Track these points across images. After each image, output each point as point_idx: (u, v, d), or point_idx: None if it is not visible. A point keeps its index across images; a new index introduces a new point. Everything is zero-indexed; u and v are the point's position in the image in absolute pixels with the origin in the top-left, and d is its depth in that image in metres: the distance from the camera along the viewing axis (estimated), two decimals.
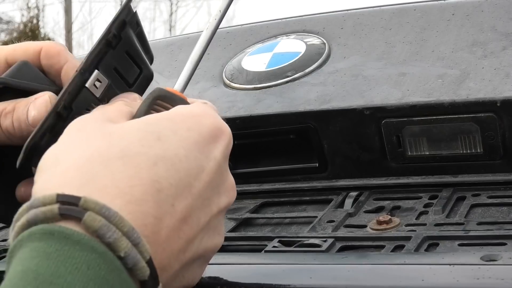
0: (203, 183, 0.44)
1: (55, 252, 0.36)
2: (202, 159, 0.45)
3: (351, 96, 0.73)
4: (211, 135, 0.46)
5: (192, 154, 0.44)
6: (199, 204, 0.44)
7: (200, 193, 0.44)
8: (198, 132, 0.45)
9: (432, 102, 0.69)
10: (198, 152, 0.45)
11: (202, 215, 0.45)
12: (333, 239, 0.60)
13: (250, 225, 0.70)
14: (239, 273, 0.55)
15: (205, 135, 0.46)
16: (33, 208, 0.39)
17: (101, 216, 0.38)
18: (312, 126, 0.73)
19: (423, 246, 0.57)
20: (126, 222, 0.39)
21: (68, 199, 0.39)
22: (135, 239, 0.39)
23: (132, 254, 0.38)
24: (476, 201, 0.65)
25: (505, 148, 0.67)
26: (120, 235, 0.38)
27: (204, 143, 0.45)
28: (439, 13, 0.80)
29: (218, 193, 0.46)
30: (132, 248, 0.38)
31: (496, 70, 0.69)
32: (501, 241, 0.56)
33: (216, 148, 0.46)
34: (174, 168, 0.43)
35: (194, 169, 0.44)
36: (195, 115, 0.47)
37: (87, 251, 0.37)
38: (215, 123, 0.47)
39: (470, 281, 0.47)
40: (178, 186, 0.43)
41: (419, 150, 0.70)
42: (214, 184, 0.45)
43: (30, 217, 0.38)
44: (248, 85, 0.79)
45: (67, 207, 0.38)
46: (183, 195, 0.43)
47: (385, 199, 0.69)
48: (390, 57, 0.77)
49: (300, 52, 0.81)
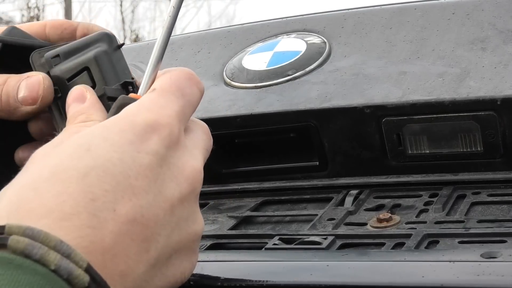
0: (146, 179, 0.44)
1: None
2: (140, 157, 0.44)
3: (352, 95, 0.73)
4: (146, 130, 0.45)
5: (128, 155, 0.44)
6: (150, 200, 0.43)
7: (146, 189, 0.43)
8: (131, 132, 0.45)
9: (432, 100, 0.69)
10: (135, 151, 0.44)
11: (159, 210, 0.44)
12: (333, 237, 0.60)
13: (250, 223, 0.70)
14: (240, 271, 0.55)
15: (139, 132, 0.45)
16: None
17: (24, 237, 0.39)
18: (312, 125, 0.73)
19: (423, 244, 0.57)
20: (52, 237, 0.39)
21: None
22: (65, 251, 0.39)
23: (64, 264, 0.38)
24: (476, 199, 0.65)
25: (505, 146, 0.67)
26: (46, 250, 0.38)
27: (140, 141, 0.45)
28: (439, 12, 0.80)
29: (172, 182, 0.45)
30: (63, 259, 0.39)
31: (497, 69, 0.69)
32: (501, 238, 0.56)
33: (153, 141, 0.45)
34: (108, 174, 0.42)
35: (132, 169, 0.43)
36: (129, 114, 0.46)
37: (30, 274, 0.37)
38: (148, 117, 0.46)
39: (471, 278, 0.47)
40: (116, 190, 0.42)
41: (419, 149, 0.70)
42: (162, 176, 0.45)
43: None
44: (249, 84, 0.79)
45: None
46: (125, 197, 0.42)
47: (385, 197, 0.69)
48: (391, 56, 0.77)
49: (300, 51, 0.81)
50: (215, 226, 0.68)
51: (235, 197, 0.75)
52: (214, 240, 0.64)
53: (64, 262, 0.38)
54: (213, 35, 0.92)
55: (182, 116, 0.49)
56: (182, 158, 0.47)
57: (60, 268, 0.38)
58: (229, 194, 0.76)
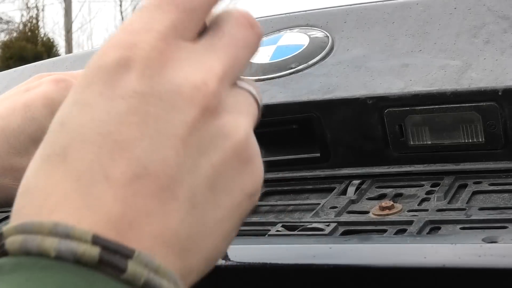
0: (132, 126, 0.36)
1: None
2: (115, 105, 0.37)
3: (354, 86, 0.73)
4: (115, 71, 0.37)
5: (101, 110, 0.36)
6: (147, 146, 0.36)
7: (138, 137, 0.36)
8: (99, 81, 0.37)
9: (434, 91, 0.69)
10: (108, 101, 0.37)
11: (166, 151, 0.36)
12: (336, 224, 0.61)
13: (253, 212, 0.70)
14: (243, 255, 0.55)
15: (107, 78, 0.37)
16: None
17: (17, 234, 0.35)
18: (315, 116, 0.74)
19: (425, 230, 0.58)
20: (45, 223, 0.35)
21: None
22: (63, 232, 0.34)
23: (63, 247, 0.34)
24: (478, 188, 0.65)
25: (506, 136, 0.68)
26: (41, 238, 0.34)
27: (110, 87, 0.37)
28: (441, 7, 0.81)
29: (170, 113, 0.37)
30: (61, 241, 0.34)
31: (498, 61, 0.70)
32: (502, 224, 0.56)
33: (127, 80, 0.37)
34: (86, 143, 0.36)
35: (110, 123, 0.36)
36: (94, 60, 0.38)
37: (38, 271, 0.33)
38: (117, 54, 0.37)
39: (472, 258, 0.48)
40: (101, 155, 0.36)
41: (421, 140, 0.71)
42: (154, 113, 0.36)
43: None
44: (252, 77, 0.80)
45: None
46: (114, 158, 0.36)
47: (387, 187, 0.69)
48: (393, 49, 0.78)
49: (303, 45, 0.82)
50: None
51: None
52: None
53: (63, 244, 0.33)
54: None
55: (178, 28, 0.39)
56: (176, 76, 0.37)
57: (61, 252, 0.33)
58: None
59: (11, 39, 12.43)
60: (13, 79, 1.07)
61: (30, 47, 11.78)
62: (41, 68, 1.06)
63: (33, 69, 1.07)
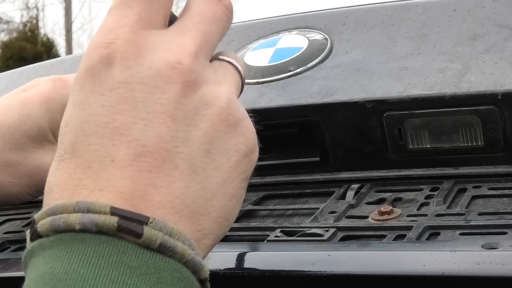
0: (125, 113, 0.40)
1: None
2: (105, 99, 0.41)
3: (353, 90, 0.73)
4: (100, 69, 0.41)
5: (95, 107, 0.41)
6: (141, 127, 0.40)
7: (132, 121, 0.40)
8: (89, 80, 0.42)
9: (433, 95, 0.69)
10: (99, 96, 0.41)
11: (158, 129, 0.40)
12: (335, 229, 0.60)
13: (252, 217, 0.70)
14: (242, 261, 0.55)
15: (95, 76, 0.42)
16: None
17: (47, 217, 0.40)
18: (314, 119, 0.73)
19: (424, 235, 0.57)
20: (69, 203, 0.40)
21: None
22: (84, 207, 0.39)
23: (86, 219, 0.38)
24: (477, 192, 0.65)
25: (506, 140, 0.67)
26: (66, 216, 0.39)
27: (99, 83, 0.41)
28: (440, 9, 0.81)
29: (155, 94, 0.41)
30: (83, 215, 0.39)
31: (497, 64, 0.70)
32: (502, 230, 0.56)
33: (112, 75, 0.41)
34: (89, 136, 0.41)
35: (105, 115, 0.41)
36: (83, 61, 0.43)
37: (94, 245, 0.38)
38: (98, 53, 0.42)
39: (472, 266, 0.48)
40: (103, 144, 0.40)
41: (420, 143, 0.71)
42: (141, 98, 0.41)
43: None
44: (251, 80, 0.80)
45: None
46: (115, 143, 0.40)
47: (386, 191, 0.69)
48: (392, 52, 0.77)
49: (302, 47, 0.82)
50: None
51: None
52: None
53: (86, 217, 0.38)
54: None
55: (145, 19, 0.43)
56: (152, 61, 0.42)
57: (84, 224, 0.38)
58: None
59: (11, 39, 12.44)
60: (12, 80, 1.07)
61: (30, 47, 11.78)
62: (39, 69, 1.06)
63: (32, 71, 1.07)
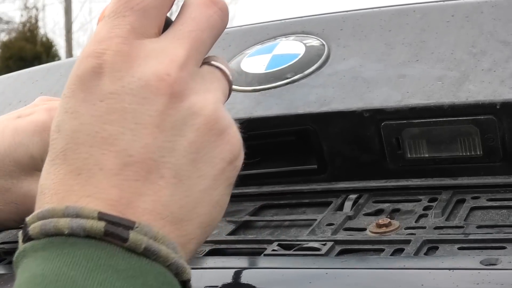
0: (114, 123, 0.42)
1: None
2: (96, 108, 0.42)
3: (351, 98, 0.73)
4: (90, 79, 0.43)
5: (86, 115, 0.42)
6: (129, 138, 0.41)
7: (120, 131, 0.41)
8: (80, 89, 0.43)
9: (431, 104, 0.68)
10: (91, 106, 0.42)
11: (145, 139, 0.42)
12: (332, 243, 0.60)
13: (249, 228, 0.69)
14: (239, 278, 0.55)
15: (86, 85, 0.43)
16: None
17: (38, 221, 0.41)
18: (311, 128, 0.73)
19: (422, 250, 0.57)
20: (58, 208, 0.41)
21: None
22: (73, 212, 0.41)
23: (74, 224, 0.40)
24: (476, 203, 0.65)
25: (504, 150, 0.67)
26: (56, 220, 0.40)
27: (90, 93, 0.42)
28: (438, 14, 0.80)
29: (143, 105, 0.42)
30: (72, 220, 0.40)
31: (496, 72, 0.69)
32: (500, 244, 0.56)
33: (101, 86, 0.42)
34: (80, 145, 0.42)
35: (95, 124, 0.42)
36: (73, 70, 0.44)
37: (84, 248, 0.39)
38: (88, 64, 0.43)
39: (470, 286, 0.47)
40: (93, 152, 0.42)
41: (418, 153, 0.70)
42: (130, 109, 0.42)
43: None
44: (248, 87, 0.79)
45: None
46: (103, 152, 0.42)
47: (384, 201, 0.69)
48: (390, 58, 0.77)
49: (299, 54, 0.81)
50: (214, 231, 0.68)
51: (234, 201, 0.74)
52: (213, 245, 0.64)
53: (75, 222, 0.39)
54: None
55: (138, 28, 0.44)
56: (142, 72, 0.43)
57: (73, 229, 0.39)
58: None
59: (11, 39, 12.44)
60: (8, 85, 1.06)
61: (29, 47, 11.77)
62: (35, 74, 1.05)
63: (27, 75, 1.06)
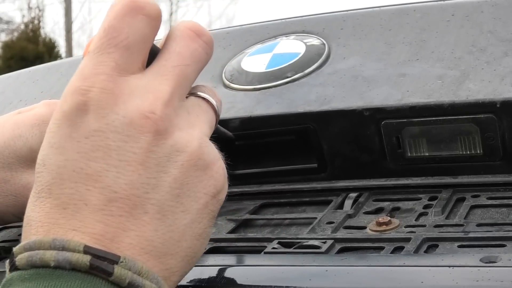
0: (99, 161, 0.43)
1: None
2: (81, 146, 0.43)
3: (351, 97, 0.73)
4: (76, 115, 0.44)
5: (71, 151, 0.43)
6: (114, 175, 0.43)
7: (105, 168, 0.43)
8: (66, 125, 0.44)
9: (431, 103, 0.69)
10: (75, 142, 0.43)
11: (130, 177, 0.43)
12: (332, 241, 0.60)
13: (249, 226, 0.70)
14: (239, 275, 0.55)
15: (71, 121, 0.44)
16: None
17: (25, 252, 0.43)
18: (311, 127, 0.73)
19: (422, 248, 0.57)
20: (45, 240, 0.42)
21: None
22: (60, 245, 0.42)
23: (60, 257, 0.41)
24: (476, 202, 0.65)
25: (504, 149, 0.67)
26: (43, 252, 0.42)
27: (76, 129, 0.44)
28: (438, 13, 0.80)
29: (128, 143, 0.43)
30: (58, 253, 0.41)
31: (496, 71, 0.69)
32: (500, 242, 0.56)
33: (87, 122, 0.43)
34: (64, 180, 0.43)
35: (80, 160, 0.43)
36: (58, 105, 0.45)
37: (43, 279, 0.41)
38: (74, 100, 0.44)
39: (470, 283, 0.47)
40: (78, 188, 0.43)
41: (418, 151, 0.70)
42: (115, 147, 0.43)
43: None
44: (248, 86, 0.79)
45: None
46: (89, 188, 0.43)
47: (384, 200, 0.69)
48: (390, 58, 0.77)
49: (299, 53, 0.81)
50: (214, 229, 0.68)
51: (234, 199, 0.75)
52: (213, 243, 0.64)
53: (61, 255, 0.40)
54: (212, 36, 0.92)
55: (122, 65, 0.44)
56: (127, 110, 0.44)
57: (59, 261, 0.40)
58: (228, 197, 0.75)
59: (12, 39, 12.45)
60: (8, 85, 1.06)
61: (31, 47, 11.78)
62: (35, 73, 1.05)
63: (27, 75, 1.06)
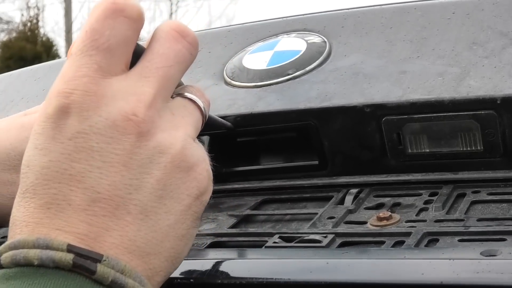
0: (82, 162, 0.44)
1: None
2: (64, 147, 0.44)
3: (352, 94, 0.73)
4: (59, 117, 0.44)
5: (55, 152, 0.44)
6: (97, 175, 0.43)
7: (88, 169, 0.43)
8: (50, 127, 0.45)
9: (432, 99, 0.69)
10: (59, 144, 0.44)
11: (112, 178, 0.44)
12: (333, 235, 0.60)
13: (250, 222, 0.70)
14: (240, 269, 0.55)
15: (55, 124, 0.44)
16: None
17: (9, 251, 0.43)
18: (312, 124, 0.73)
19: (423, 242, 0.57)
20: (29, 239, 0.43)
21: None
22: (43, 244, 0.42)
23: (44, 255, 0.42)
24: (476, 197, 0.65)
25: (505, 145, 0.67)
26: (27, 251, 0.42)
27: (59, 131, 0.44)
28: (439, 11, 0.80)
29: (111, 144, 0.44)
30: (42, 251, 0.42)
31: (496, 68, 0.70)
32: (501, 236, 0.56)
33: (70, 125, 0.44)
34: (49, 181, 0.44)
35: (63, 161, 0.44)
36: (42, 107, 0.46)
37: (29, 277, 0.41)
38: (57, 102, 0.44)
39: (470, 275, 0.47)
40: (61, 188, 0.43)
41: (419, 148, 0.70)
42: (98, 148, 0.43)
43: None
44: (249, 83, 0.79)
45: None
46: (72, 188, 0.44)
47: (385, 196, 0.69)
48: (391, 55, 0.77)
49: (301, 51, 0.81)
50: (215, 225, 0.68)
51: (235, 196, 0.75)
52: (214, 238, 0.65)
53: (44, 254, 0.41)
54: (213, 35, 0.93)
55: (104, 67, 0.45)
56: (109, 112, 0.44)
57: (42, 260, 0.41)
58: (229, 193, 0.76)
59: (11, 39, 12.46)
60: (10, 83, 1.07)
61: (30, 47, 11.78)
62: (37, 71, 1.06)
63: (29, 73, 1.06)
